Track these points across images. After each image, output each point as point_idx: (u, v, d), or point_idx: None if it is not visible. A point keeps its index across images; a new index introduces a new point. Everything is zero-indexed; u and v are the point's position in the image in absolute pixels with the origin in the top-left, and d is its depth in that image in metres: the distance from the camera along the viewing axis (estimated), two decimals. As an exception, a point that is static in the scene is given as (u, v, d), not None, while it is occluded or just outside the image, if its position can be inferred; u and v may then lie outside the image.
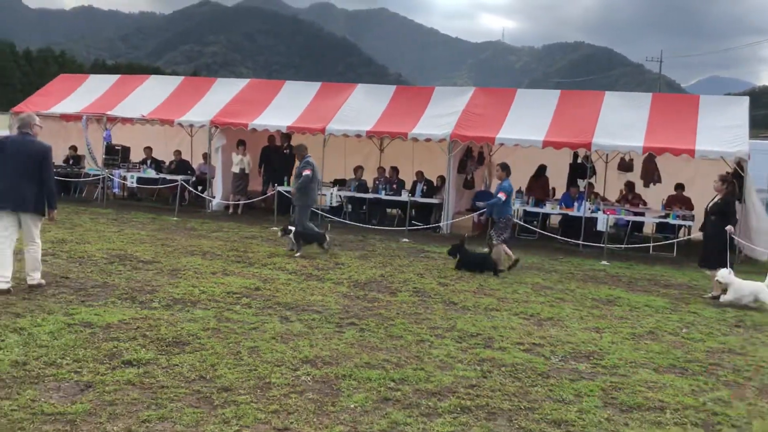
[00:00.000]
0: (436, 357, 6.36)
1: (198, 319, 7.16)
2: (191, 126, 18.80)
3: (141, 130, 19.90)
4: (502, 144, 15.90)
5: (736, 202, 12.68)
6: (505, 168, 12.12)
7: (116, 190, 19.39)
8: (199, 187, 18.63)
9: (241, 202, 17.90)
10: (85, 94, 19.97)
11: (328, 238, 12.12)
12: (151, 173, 18.86)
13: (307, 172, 12.52)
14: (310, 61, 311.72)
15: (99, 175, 18.53)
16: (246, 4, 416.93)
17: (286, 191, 17.11)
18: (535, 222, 16.16)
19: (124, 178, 18.65)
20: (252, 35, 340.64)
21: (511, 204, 12.29)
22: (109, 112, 18.50)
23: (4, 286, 7.84)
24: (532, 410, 5.21)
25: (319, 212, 16.69)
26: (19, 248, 8.27)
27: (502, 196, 11.78)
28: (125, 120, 18.78)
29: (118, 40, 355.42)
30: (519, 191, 16.31)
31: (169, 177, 18.58)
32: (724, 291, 9.88)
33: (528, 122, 15.77)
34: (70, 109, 19.00)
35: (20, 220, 8.07)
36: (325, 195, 17.13)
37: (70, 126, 19.91)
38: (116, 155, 18.95)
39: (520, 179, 16.98)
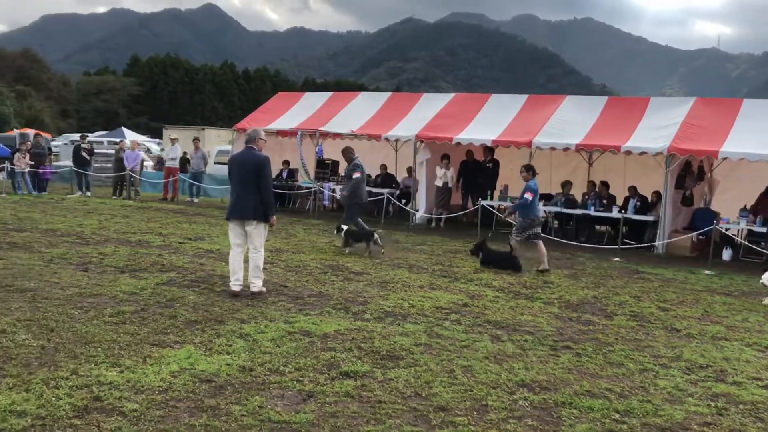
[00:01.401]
0: (663, 389, 5.88)
1: (409, 333, 7.16)
2: (397, 140, 19.20)
3: (350, 144, 20.62)
4: (725, 158, 14.71)
5: None
6: (530, 169, 12.29)
7: (326, 202, 20.26)
8: (403, 200, 18.95)
9: (443, 215, 17.99)
10: (300, 110, 21.06)
11: (376, 237, 12.50)
12: (359, 186, 19.44)
13: (357, 175, 13.16)
14: (511, 73, 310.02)
15: (311, 187, 19.43)
16: (448, 19, 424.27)
17: (490, 206, 16.97)
18: (762, 243, 14.73)
19: (334, 191, 19.41)
20: (453, 50, 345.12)
21: (537, 204, 12.25)
22: (321, 128, 19.37)
23: (236, 288, 8.49)
24: (781, 459, 4.63)
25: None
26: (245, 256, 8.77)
27: (528, 196, 11.83)
28: (336, 135, 19.56)
29: (327, 58, 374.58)
30: (744, 209, 15.00)
31: (374, 190, 19.08)
32: None
33: (756, 135, 14.45)
34: (286, 126, 20.09)
35: (246, 230, 8.58)
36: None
37: (285, 141, 21.06)
38: (327, 169, 19.80)
39: (745, 196, 15.66)
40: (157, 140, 47.21)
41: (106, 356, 5.82)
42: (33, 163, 21.20)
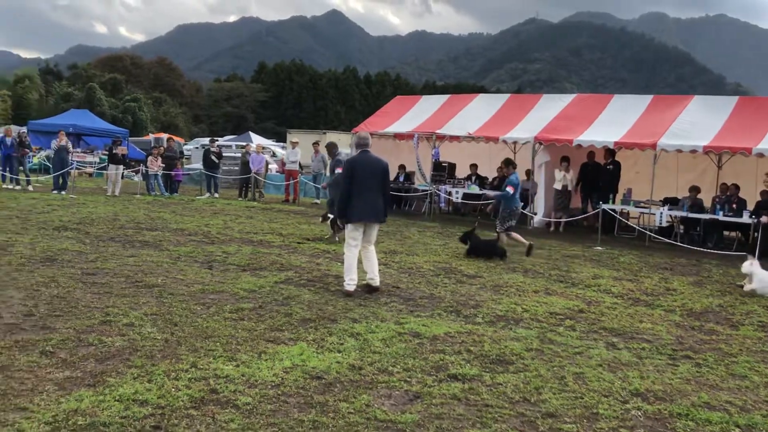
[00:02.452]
0: (790, 405, 5.53)
1: (521, 338, 7.06)
2: (515, 142, 18.95)
3: (467, 147, 20.57)
4: None
5: None
6: (510, 163, 13.36)
7: (442, 205, 20.26)
8: (521, 204, 18.66)
9: (562, 219, 17.60)
10: (417, 114, 21.20)
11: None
12: (475, 189, 19.36)
13: (339, 170, 13.45)
14: (638, 73, 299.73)
15: (427, 190, 19.50)
16: (573, 19, 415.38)
17: (611, 209, 16.46)
18: None
19: (450, 194, 19.39)
20: (578, 50, 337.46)
21: (517, 197, 13.20)
22: (438, 131, 19.40)
23: (351, 288, 8.67)
24: None
25: (647, 232, 15.79)
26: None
27: (510, 189, 12.83)
28: (453, 138, 19.54)
29: (448, 61, 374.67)
30: None
31: (491, 193, 18.90)
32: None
33: None
34: (404, 129, 20.27)
35: (365, 230, 8.84)
36: (654, 214, 16.15)
37: (401, 144, 21.24)
38: (443, 171, 19.81)
39: None
40: (282, 144, 48.69)
41: (224, 351, 6.07)
42: (165, 165, 22.35)
